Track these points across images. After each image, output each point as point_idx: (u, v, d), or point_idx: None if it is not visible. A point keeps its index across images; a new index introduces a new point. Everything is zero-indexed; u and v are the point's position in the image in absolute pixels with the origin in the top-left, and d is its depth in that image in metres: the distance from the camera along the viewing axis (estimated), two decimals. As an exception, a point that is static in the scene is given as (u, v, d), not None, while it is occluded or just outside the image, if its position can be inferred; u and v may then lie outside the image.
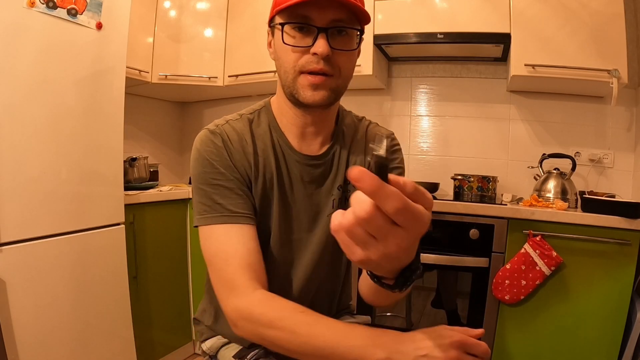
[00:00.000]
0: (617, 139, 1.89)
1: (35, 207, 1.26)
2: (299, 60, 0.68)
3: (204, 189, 0.72)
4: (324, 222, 0.81)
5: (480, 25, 1.75)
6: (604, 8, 1.61)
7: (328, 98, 0.70)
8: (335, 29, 0.67)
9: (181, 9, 2.19)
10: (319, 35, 0.66)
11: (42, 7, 1.23)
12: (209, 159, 0.72)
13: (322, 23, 0.66)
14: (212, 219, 0.70)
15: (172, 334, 2.01)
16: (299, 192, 0.79)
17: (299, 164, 0.78)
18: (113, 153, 1.53)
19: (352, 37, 0.70)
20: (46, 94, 1.28)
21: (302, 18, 0.67)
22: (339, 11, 0.66)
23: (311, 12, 0.66)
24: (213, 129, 0.75)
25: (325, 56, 0.66)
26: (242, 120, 0.78)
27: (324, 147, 0.81)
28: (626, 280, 1.41)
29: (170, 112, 2.69)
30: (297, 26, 0.67)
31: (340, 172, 0.82)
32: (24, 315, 1.22)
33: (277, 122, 0.79)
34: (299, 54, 0.68)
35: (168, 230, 1.96)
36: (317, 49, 0.66)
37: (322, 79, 0.68)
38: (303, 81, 0.69)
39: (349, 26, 0.69)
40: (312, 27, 0.67)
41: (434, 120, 2.17)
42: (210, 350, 0.88)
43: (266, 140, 0.77)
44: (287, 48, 0.69)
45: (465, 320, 1.62)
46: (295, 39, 0.68)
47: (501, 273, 1.51)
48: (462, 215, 1.58)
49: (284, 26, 0.68)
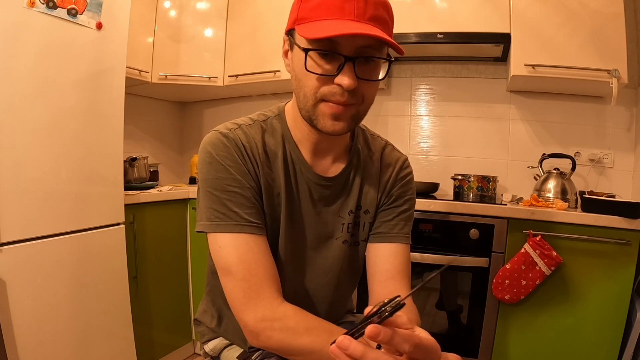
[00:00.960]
0: (617, 139, 1.89)
1: (35, 207, 1.26)
2: (321, 88, 0.63)
3: (216, 195, 0.68)
4: (335, 246, 0.79)
5: (480, 25, 1.75)
6: (604, 8, 1.61)
7: (348, 127, 0.67)
8: (362, 58, 0.62)
9: (181, 9, 2.19)
10: (345, 64, 0.61)
11: (42, 7, 1.23)
12: (224, 164, 0.69)
13: (350, 51, 0.61)
14: (228, 227, 0.67)
15: (172, 334, 2.01)
16: (307, 208, 0.76)
17: (310, 181, 0.76)
18: (113, 153, 1.53)
19: (378, 65, 0.65)
20: (46, 94, 1.28)
21: (328, 44, 0.61)
22: (369, 38, 0.60)
23: (339, 38, 0.60)
24: (226, 133, 0.71)
25: (351, 89, 0.62)
26: (255, 127, 0.74)
27: (337, 167, 0.79)
28: (626, 280, 1.42)
29: (170, 112, 2.69)
30: (322, 53, 0.62)
31: (352, 196, 0.79)
32: (24, 315, 1.22)
33: (291, 134, 0.76)
34: (322, 81, 0.63)
35: (168, 230, 1.96)
36: (343, 81, 0.61)
37: (343, 110, 0.64)
38: (324, 109, 0.65)
39: (377, 56, 0.64)
40: (338, 55, 0.61)
41: (434, 120, 2.17)
42: (213, 351, 0.88)
43: (278, 152, 0.74)
44: (310, 74, 0.63)
45: (465, 320, 1.62)
46: (319, 65, 0.62)
47: (501, 273, 1.51)
48: (462, 215, 1.58)
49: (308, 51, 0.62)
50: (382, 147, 0.85)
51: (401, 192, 0.82)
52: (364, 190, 0.80)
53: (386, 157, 0.84)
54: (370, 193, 0.81)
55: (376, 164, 0.82)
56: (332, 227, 0.78)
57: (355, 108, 0.66)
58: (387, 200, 0.82)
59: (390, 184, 0.82)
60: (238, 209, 0.68)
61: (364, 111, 0.68)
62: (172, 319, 1.99)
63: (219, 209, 0.68)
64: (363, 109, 0.68)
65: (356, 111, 0.66)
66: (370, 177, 0.81)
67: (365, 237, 0.82)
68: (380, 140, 0.86)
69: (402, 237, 0.80)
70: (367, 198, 0.80)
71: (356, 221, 0.80)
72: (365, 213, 0.81)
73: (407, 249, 0.81)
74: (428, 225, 1.63)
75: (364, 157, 0.82)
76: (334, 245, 0.79)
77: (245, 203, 0.68)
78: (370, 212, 0.81)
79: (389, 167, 0.83)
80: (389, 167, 0.83)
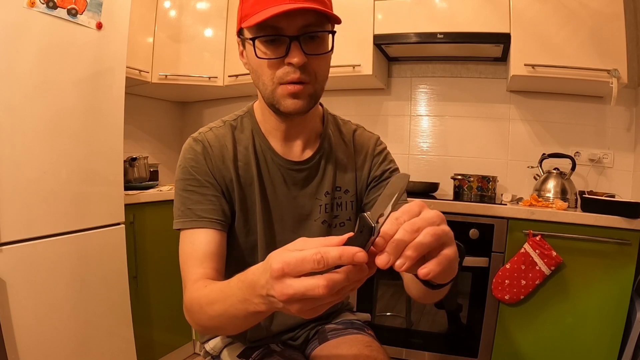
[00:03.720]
0: (616, 139, 1.89)
1: (35, 207, 1.26)
2: (276, 73, 0.68)
3: (180, 195, 0.75)
4: (314, 227, 0.81)
5: (480, 25, 1.75)
6: (604, 8, 1.61)
7: (308, 104, 0.71)
8: (306, 35, 0.66)
9: (181, 9, 2.19)
10: (291, 44, 0.65)
11: (42, 7, 1.23)
12: (187, 167, 0.75)
13: (293, 31, 0.65)
14: (183, 224, 0.73)
15: (172, 334, 2.01)
16: (282, 194, 0.80)
17: (282, 168, 0.79)
18: (113, 153, 1.53)
19: (324, 40, 0.70)
20: (46, 94, 1.28)
21: (272, 30, 0.65)
22: (308, 16, 0.65)
23: (280, 22, 0.64)
24: (196, 137, 0.78)
25: (301, 65, 0.66)
26: (225, 127, 0.80)
27: (309, 151, 0.81)
28: (626, 280, 1.42)
29: (170, 112, 2.69)
30: (268, 39, 0.66)
31: (326, 177, 0.82)
32: (24, 315, 1.22)
33: (260, 127, 0.80)
34: (275, 66, 0.68)
35: (168, 230, 1.94)
36: (292, 59, 0.65)
37: (299, 88, 0.68)
38: (282, 91, 0.69)
39: (321, 29, 0.68)
40: (283, 37, 0.65)
41: (434, 120, 2.17)
42: (214, 350, 0.88)
43: (248, 146, 0.79)
44: (262, 62, 0.68)
45: (465, 320, 1.62)
46: (268, 51, 0.67)
47: (501, 273, 1.51)
48: (462, 215, 1.58)
49: (255, 40, 0.67)
50: (353, 130, 0.89)
51: (384, 167, 0.86)
52: (338, 171, 0.83)
53: (358, 137, 0.88)
54: (347, 173, 0.84)
55: (349, 145, 0.86)
56: (309, 209, 0.81)
57: (312, 87, 0.70)
58: (373, 177, 0.85)
59: (369, 162, 0.86)
60: (194, 206, 0.73)
61: (320, 89, 0.73)
62: (172, 318, 1.99)
63: (179, 207, 0.74)
64: (319, 87, 0.72)
65: (313, 90, 0.70)
66: (344, 158, 0.84)
67: (349, 216, 0.84)
68: (351, 124, 0.90)
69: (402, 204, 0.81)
70: (344, 178, 0.84)
71: (336, 202, 0.83)
72: (346, 193, 0.84)
73: None
74: (428, 225, 1.63)
75: (336, 140, 0.85)
76: (313, 226, 0.81)
77: (201, 200, 0.73)
78: (350, 191, 0.84)
79: (362, 147, 0.87)
80: (363, 147, 0.87)
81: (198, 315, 0.62)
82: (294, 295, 0.40)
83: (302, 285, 0.39)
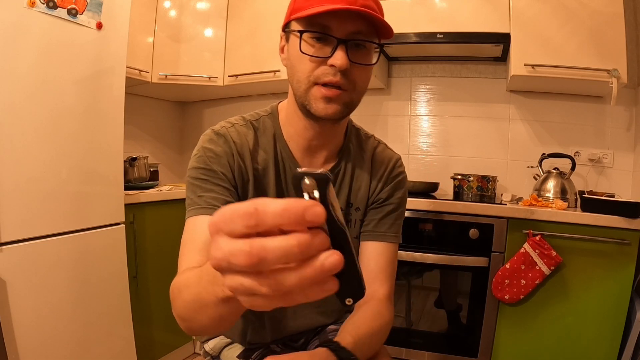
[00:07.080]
0: (616, 139, 1.89)
1: (35, 207, 1.26)
2: (315, 71, 0.66)
3: (192, 183, 0.72)
4: None
5: (480, 25, 1.75)
6: (604, 8, 1.61)
7: (341, 112, 0.68)
8: (354, 41, 0.65)
9: (181, 9, 2.19)
10: (338, 46, 0.64)
11: (42, 7, 1.23)
12: (205, 156, 0.72)
13: (342, 34, 0.64)
14: (191, 212, 0.70)
15: (172, 334, 2.01)
16: None
17: None
18: (113, 153, 1.53)
19: (370, 51, 0.68)
20: (46, 94, 1.28)
21: (321, 27, 0.64)
22: (359, 23, 0.64)
23: (331, 22, 0.63)
24: (218, 130, 0.75)
25: (344, 69, 0.64)
26: (247, 126, 0.77)
27: (328, 164, 0.80)
28: (626, 280, 1.42)
29: (170, 112, 2.69)
30: (315, 35, 0.65)
31: (341, 193, 0.81)
32: (24, 315, 1.22)
33: (283, 131, 0.78)
34: (316, 64, 0.66)
35: (168, 230, 1.96)
36: (336, 60, 0.64)
37: (336, 93, 0.66)
38: (316, 93, 0.67)
39: (369, 39, 0.67)
40: (331, 38, 0.64)
41: (434, 120, 2.17)
42: (213, 350, 0.88)
43: (269, 150, 0.76)
44: (304, 57, 0.66)
45: (465, 320, 1.62)
46: (314, 48, 0.65)
47: (501, 273, 1.51)
48: (462, 215, 1.58)
49: (302, 34, 0.65)
50: (375, 146, 0.86)
51: (392, 191, 0.83)
52: (354, 187, 0.81)
53: (378, 155, 0.85)
54: (361, 191, 0.82)
55: (368, 163, 0.83)
56: None
57: (348, 95, 0.68)
58: (377, 199, 0.83)
59: (382, 183, 0.83)
60: (204, 193, 0.70)
61: (357, 99, 0.70)
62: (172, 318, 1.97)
63: (189, 196, 0.72)
64: (356, 97, 0.70)
65: (349, 98, 0.68)
66: (361, 175, 0.82)
67: (357, 234, 0.83)
68: (373, 140, 0.87)
69: (390, 236, 0.81)
70: (357, 195, 0.82)
71: (347, 218, 0.82)
72: (356, 210, 0.83)
73: (394, 248, 0.82)
74: (428, 225, 1.63)
75: (355, 155, 0.83)
76: None
77: (212, 189, 0.70)
78: (361, 209, 0.83)
79: (381, 165, 0.84)
80: (381, 165, 0.84)
81: (176, 302, 0.60)
82: (221, 261, 0.28)
83: (229, 247, 0.28)
